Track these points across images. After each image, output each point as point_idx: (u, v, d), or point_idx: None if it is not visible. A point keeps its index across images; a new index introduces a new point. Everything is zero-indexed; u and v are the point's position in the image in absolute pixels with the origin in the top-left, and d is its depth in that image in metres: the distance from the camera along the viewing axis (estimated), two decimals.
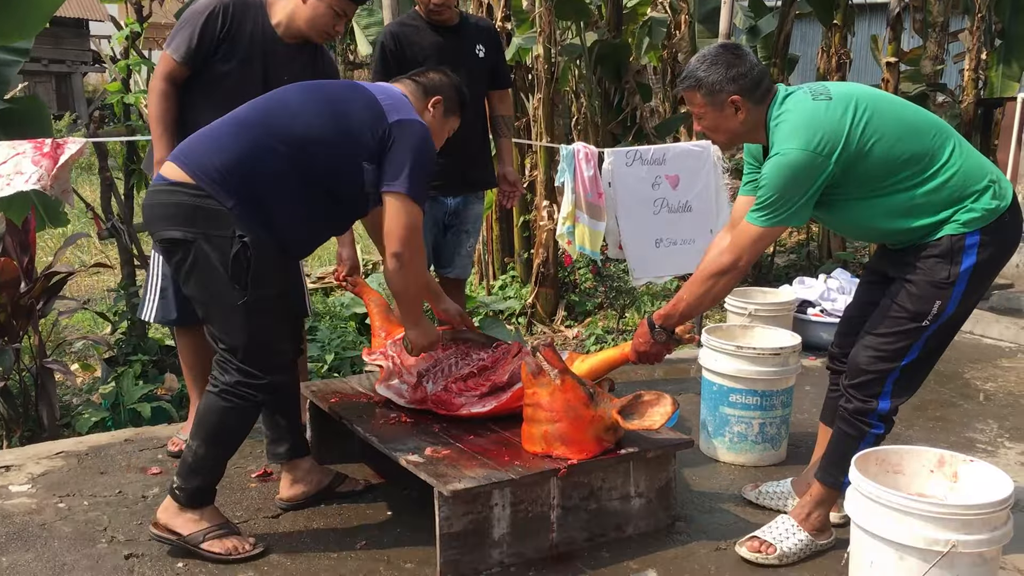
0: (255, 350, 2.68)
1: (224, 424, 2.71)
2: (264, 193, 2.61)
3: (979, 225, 2.53)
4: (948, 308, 2.57)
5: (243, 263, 2.57)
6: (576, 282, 6.96)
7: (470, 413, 3.05)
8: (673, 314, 2.79)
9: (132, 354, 4.42)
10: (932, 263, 2.57)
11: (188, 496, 2.73)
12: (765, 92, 2.62)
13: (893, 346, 2.63)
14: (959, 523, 2.16)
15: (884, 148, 2.52)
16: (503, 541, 2.72)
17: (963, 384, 4.50)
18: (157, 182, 2.67)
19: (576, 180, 4.81)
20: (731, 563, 2.77)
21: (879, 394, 2.67)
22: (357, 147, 2.68)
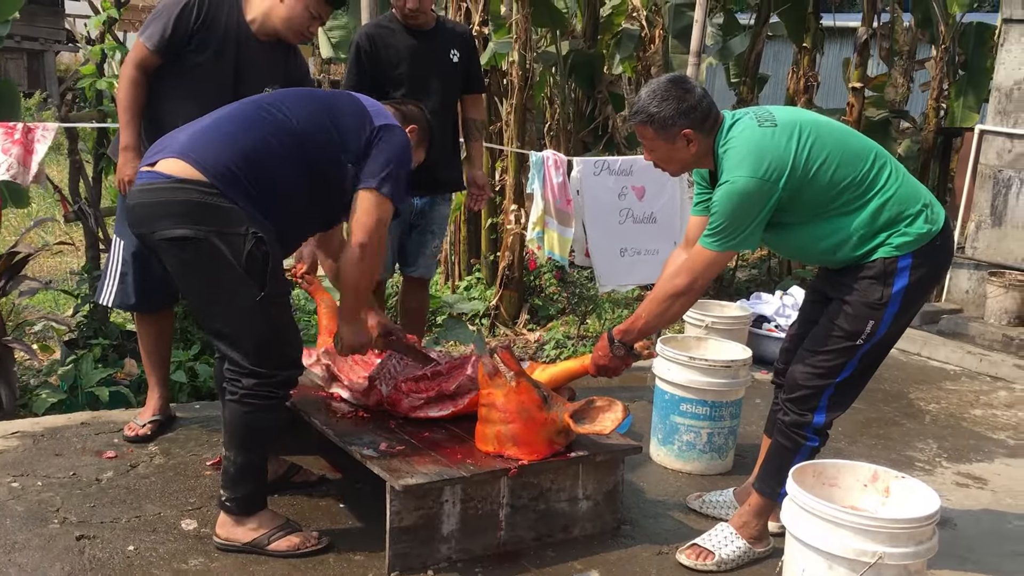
0: (269, 348, 2.66)
1: (253, 429, 2.70)
2: (268, 190, 2.63)
3: (911, 248, 2.64)
4: (880, 328, 2.68)
5: (259, 259, 2.56)
6: (540, 287, 7.04)
7: (426, 416, 3.11)
8: (632, 330, 2.87)
9: (93, 337, 4.42)
10: (866, 284, 2.67)
11: (240, 505, 2.74)
12: (714, 122, 2.71)
13: (829, 363, 2.74)
14: (886, 536, 2.26)
15: (826, 172, 2.62)
16: (452, 537, 2.79)
17: (907, 404, 4.64)
18: (157, 179, 2.58)
19: (546, 186, 4.90)
20: (672, 567, 2.86)
21: (815, 408, 2.77)
22: (344, 148, 2.72)
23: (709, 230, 2.67)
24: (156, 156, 2.65)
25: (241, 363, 2.65)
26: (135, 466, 3.32)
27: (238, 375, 2.66)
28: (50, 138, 3.87)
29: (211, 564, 2.70)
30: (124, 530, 2.86)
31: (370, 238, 2.72)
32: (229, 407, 2.70)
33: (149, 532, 2.86)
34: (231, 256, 2.54)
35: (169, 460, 3.38)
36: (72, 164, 4.70)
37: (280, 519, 2.82)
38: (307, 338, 4.91)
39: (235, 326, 2.64)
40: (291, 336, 2.77)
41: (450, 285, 7.38)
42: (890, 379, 5.04)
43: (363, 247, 2.73)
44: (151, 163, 2.64)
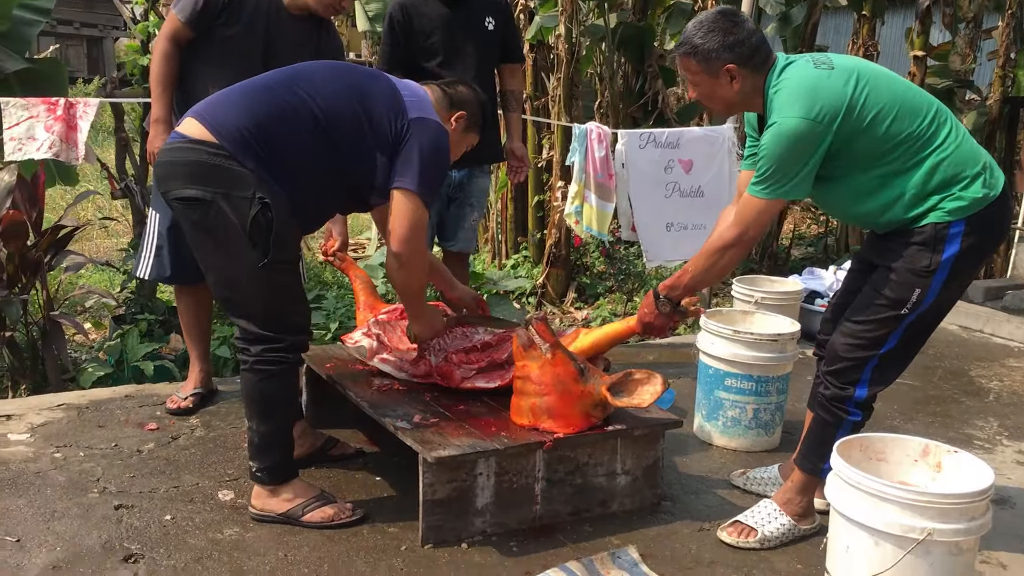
0: (274, 314, 2.65)
1: (268, 396, 2.69)
2: (283, 160, 2.58)
3: (965, 214, 2.50)
4: (927, 298, 2.54)
5: (263, 225, 2.52)
6: (587, 265, 6.96)
7: (473, 386, 3.07)
8: (678, 285, 2.76)
9: (139, 313, 4.47)
10: (914, 250, 2.53)
11: (271, 474, 2.73)
12: (763, 60, 2.58)
13: (872, 334, 2.61)
14: (936, 511, 2.15)
15: (882, 124, 2.48)
16: (486, 510, 2.74)
17: (968, 381, 4.46)
18: (175, 139, 2.61)
19: (587, 160, 4.80)
20: (713, 544, 2.78)
21: (856, 381, 2.64)
22: (374, 136, 2.66)
23: (757, 176, 2.55)
24: (183, 118, 2.68)
25: (249, 329, 2.64)
26: (176, 438, 3.34)
27: (247, 342, 2.66)
28: (92, 114, 3.89)
29: (246, 534, 2.69)
30: (162, 500, 2.87)
31: (404, 247, 2.68)
32: (243, 376, 2.70)
33: (186, 502, 2.87)
34: (236, 220, 2.52)
35: (209, 432, 3.39)
36: (118, 141, 4.74)
37: (314, 490, 2.80)
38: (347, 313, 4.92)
39: (241, 291, 2.63)
40: (298, 302, 2.75)
41: (497, 263, 7.33)
42: (950, 356, 4.86)
43: (398, 257, 2.70)
44: (179, 124, 2.68)
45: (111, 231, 7.82)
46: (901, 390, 4.27)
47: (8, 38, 4.89)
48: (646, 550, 2.71)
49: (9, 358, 3.92)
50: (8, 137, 3.85)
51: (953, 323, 5.48)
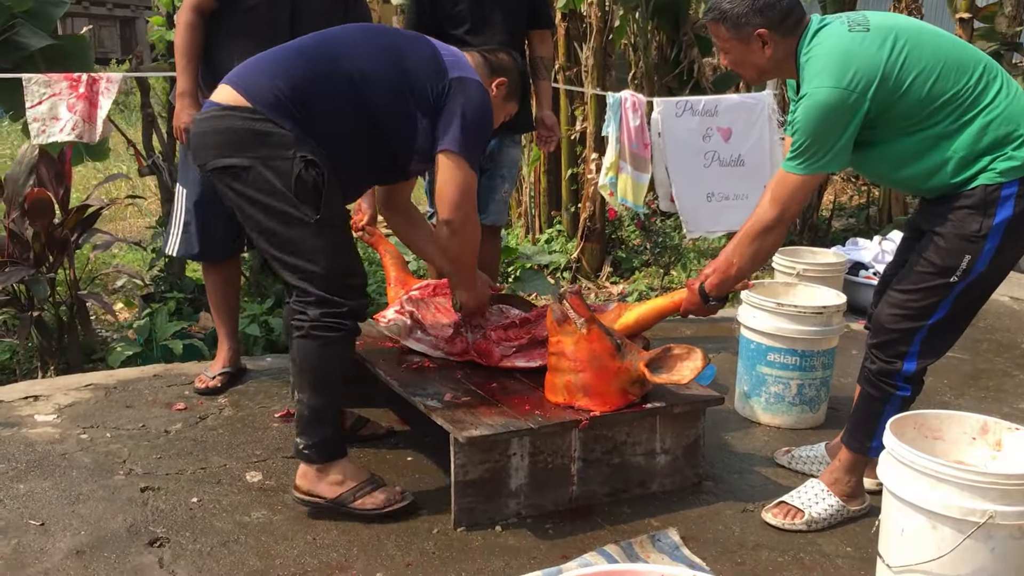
0: (334, 273, 2.52)
1: (324, 365, 2.56)
2: (321, 123, 2.49)
3: (1018, 175, 2.33)
4: (978, 264, 2.38)
5: (309, 182, 2.43)
6: (623, 238, 6.82)
7: (513, 366, 2.97)
8: (726, 281, 2.62)
9: (168, 291, 4.42)
10: (963, 215, 2.38)
11: (318, 451, 2.58)
12: (795, 23, 2.44)
13: (919, 303, 2.46)
14: (998, 493, 2.01)
15: (924, 85, 2.33)
16: (520, 492, 2.65)
17: (1021, 354, 4.29)
18: (208, 108, 2.52)
19: (622, 130, 4.67)
20: (757, 525, 2.67)
21: (904, 355, 2.50)
22: (414, 98, 2.55)
23: (792, 151, 2.42)
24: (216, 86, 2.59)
25: (308, 290, 2.51)
26: (204, 418, 3.28)
27: (304, 305, 2.53)
28: (114, 90, 3.82)
29: (273, 517, 2.63)
30: (189, 482, 2.81)
31: (455, 214, 2.59)
32: (297, 344, 2.56)
33: (213, 484, 2.81)
34: (279, 183, 2.42)
35: (238, 412, 3.33)
36: (145, 118, 4.68)
37: (364, 473, 2.67)
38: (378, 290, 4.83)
39: (296, 254, 2.50)
40: (354, 263, 2.62)
41: (530, 238, 7.22)
42: (1001, 328, 4.68)
43: (450, 224, 2.62)
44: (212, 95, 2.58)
45: (142, 209, 7.80)
46: (951, 364, 4.11)
47: (34, 16, 4.85)
48: (687, 532, 2.60)
49: (37, 338, 3.89)
50: (32, 118, 3.80)
51: (1004, 294, 5.29)
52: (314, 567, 2.38)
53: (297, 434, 2.61)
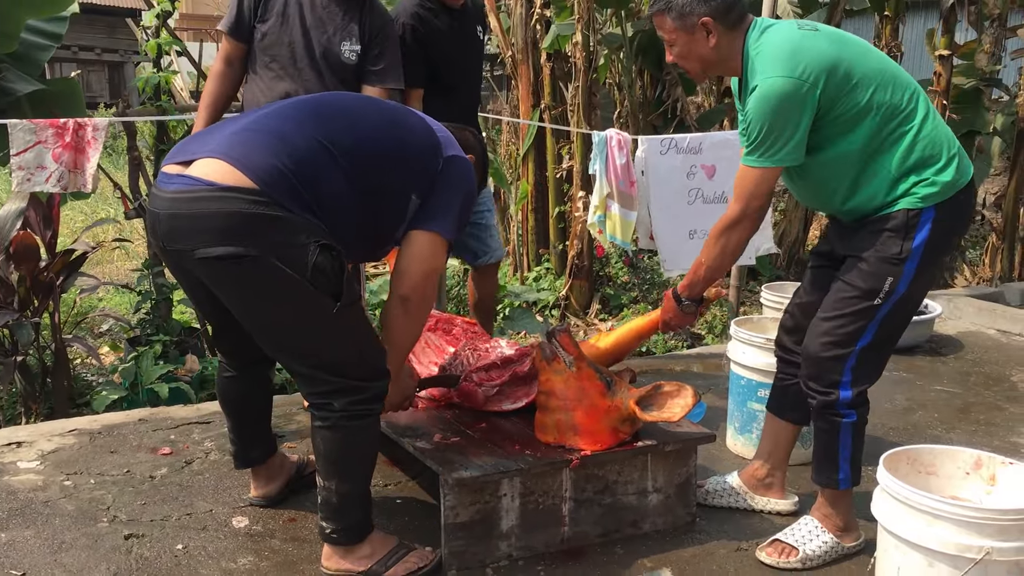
0: (360, 359, 2.36)
1: (356, 452, 2.41)
2: (326, 204, 2.28)
3: (936, 200, 2.41)
4: (900, 286, 2.44)
5: (327, 270, 2.23)
6: (611, 275, 6.83)
7: (500, 409, 2.94)
8: (696, 282, 2.67)
9: (154, 334, 4.38)
10: (885, 237, 2.44)
11: (349, 535, 2.45)
12: (739, 18, 2.49)
13: (846, 329, 2.50)
14: (995, 528, 2.00)
15: (866, 90, 2.39)
16: (512, 533, 2.61)
17: (1010, 387, 4.28)
18: (195, 186, 2.19)
19: (608, 168, 4.68)
20: (752, 565, 2.63)
21: (838, 383, 2.53)
22: (411, 176, 2.41)
23: (747, 144, 2.45)
24: (191, 155, 2.27)
25: (329, 381, 2.33)
26: (190, 462, 3.24)
27: (327, 396, 2.34)
28: (101, 139, 3.80)
29: (260, 563, 2.58)
30: (174, 528, 2.76)
31: (415, 293, 2.42)
32: (321, 435, 2.37)
33: (199, 530, 2.76)
34: (293, 272, 2.19)
35: (224, 456, 3.28)
36: (131, 161, 4.67)
37: (391, 541, 2.54)
38: None
39: (314, 345, 2.31)
40: (375, 344, 2.44)
41: (519, 276, 7.22)
42: (989, 361, 4.69)
43: (406, 303, 2.43)
44: (184, 162, 2.27)
45: (129, 252, 7.77)
46: (941, 397, 4.11)
47: (19, 59, 4.86)
48: (681, 572, 2.57)
49: (21, 383, 3.84)
50: (16, 165, 3.75)
51: (991, 327, 5.30)
52: None
53: (323, 519, 2.45)
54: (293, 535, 2.74)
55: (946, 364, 4.63)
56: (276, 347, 2.42)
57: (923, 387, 4.25)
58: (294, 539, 2.71)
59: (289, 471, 2.96)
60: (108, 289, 6.85)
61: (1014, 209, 7.21)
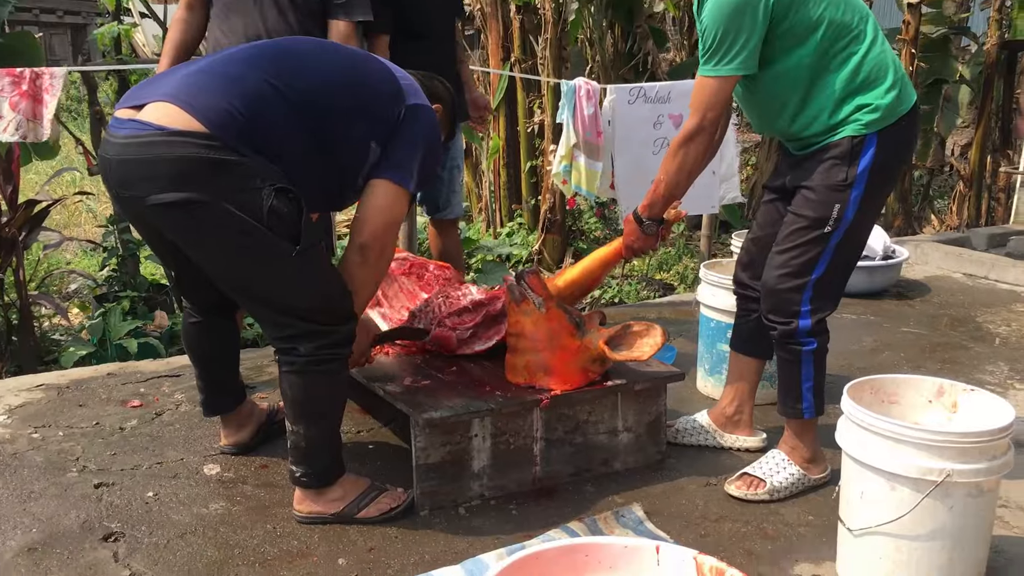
0: (325, 302, 2.33)
1: (323, 396, 2.40)
2: (277, 148, 2.23)
3: (879, 126, 2.45)
4: (848, 213, 2.49)
5: (284, 212, 2.19)
6: (583, 229, 6.84)
7: (473, 351, 2.94)
8: (656, 201, 2.66)
9: (122, 291, 4.34)
10: (830, 165, 2.49)
11: (319, 478, 2.45)
12: None
13: (800, 259, 2.54)
14: (955, 451, 2.03)
15: (818, 6, 2.42)
16: (483, 473, 2.63)
17: (975, 328, 4.35)
18: (145, 131, 2.13)
19: (576, 118, 4.66)
20: (720, 498, 2.67)
21: (797, 313, 2.57)
22: (371, 123, 2.36)
23: (703, 55, 2.46)
24: (142, 99, 2.21)
25: (293, 326, 2.31)
26: (160, 414, 3.22)
27: (292, 340, 2.32)
28: (59, 87, 3.73)
29: (232, 508, 2.58)
30: (144, 476, 2.76)
31: (374, 242, 2.38)
32: (288, 380, 2.36)
33: (170, 478, 2.75)
34: (249, 217, 2.15)
35: (194, 407, 3.26)
36: (92, 115, 4.60)
37: (363, 483, 2.54)
38: None
39: (275, 289, 2.29)
40: (340, 286, 2.39)
41: (491, 231, 7.21)
42: (956, 304, 4.75)
43: (365, 251, 2.39)
44: (135, 106, 2.20)
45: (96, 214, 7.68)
46: (907, 338, 4.16)
47: None
48: (651, 508, 2.60)
49: None
50: None
51: (957, 271, 5.36)
52: (274, 555, 2.34)
53: (293, 463, 2.44)
54: (265, 481, 2.74)
55: (913, 307, 4.69)
56: (238, 292, 2.39)
57: (890, 329, 4.30)
58: (266, 485, 2.71)
59: (260, 418, 2.95)
60: (76, 252, 6.78)
61: (981, 157, 7.27)
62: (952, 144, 9.22)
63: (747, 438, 2.96)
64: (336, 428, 2.50)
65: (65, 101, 5.67)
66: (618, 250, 2.78)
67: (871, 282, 4.81)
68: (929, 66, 7.19)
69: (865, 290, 4.79)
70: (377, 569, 2.29)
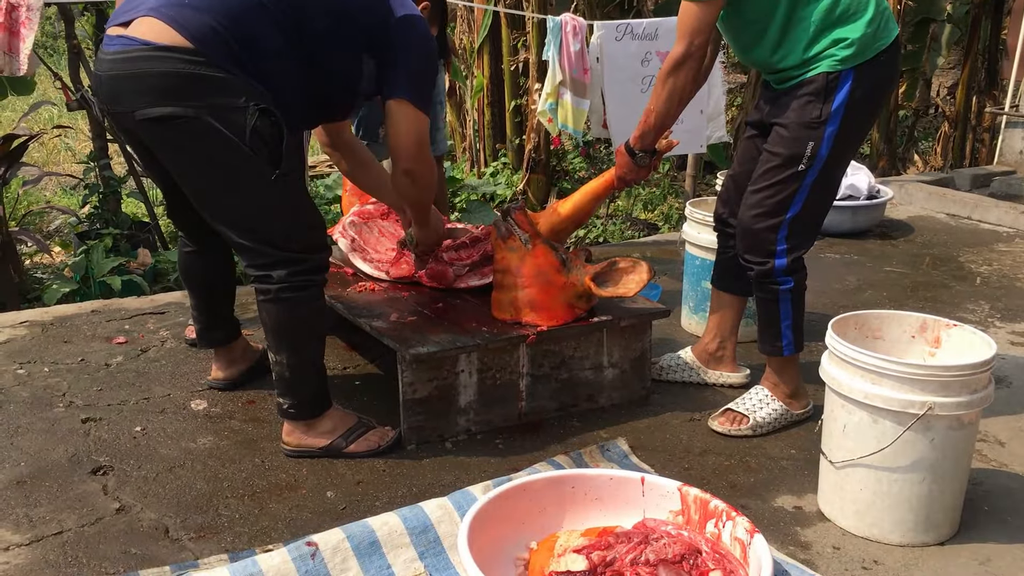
0: (296, 230, 2.35)
1: (300, 323, 2.41)
2: (263, 64, 2.24)
3: (855, 62, 2.44)
4: (822, 150, 2.48)
5: (266, 134, 2.22)
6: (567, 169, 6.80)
7: (467, 285, 2.95)
8: (647, 131, 2.61)
9: (104, 228, 4.30)
10: (804, 102, 2.48)
11: (305, 409, 2.48)
12: None
13: (775, 198, 2.55)
14: (937, 385, 2.06)
15: None
16: (470, 408, 2.65)
17: (957, 267, 4.38)
18: (131, 45, 2.17)
19: (562, 55, 4.60)
20: (704, 433, 2.70)
21: (773, 252, 2.58)
22: (358, 35, 2.37)
23: None
24: (129, 15, 2.23)
25: (267, 253, 2.32)
26: (146, 350, 3.22)
27: (266, 268, 2.34)
28: (36, 19, 3.65)
29: (220, 442, 2.59)
30: (132, 411, 2.76)
31: (414, 163, 2.47)
32: (265, 308, 2.38)
33: (157, 413, 2.76)
34: (232, 134, 2.18)
35: (180, 344, 3.27)
36: (70, 49, 4.51)
37: (352, 418, 2.56)
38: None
39: (251, 214, 2.31)
40: (315, 216, 2.45)
41: (476, 171, 7.16)
42: (939, 243, 4.78)
43: (410, 174, 2.49)
44: (123, 23, 2.23)
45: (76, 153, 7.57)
46: (891, 277, 4.19)
47: None
48: (636, 442, 2.63)
49: None
50: None
51: (941, 211, 5.39)
52: (263, 488, 2.36)
53: (279, 395, 2.47)
54: (252, 416, 2.75)
55: (896, 247, 4.72)
56: (214, 214, 2.38)
57: (873, 268, 4.33)
58: (254, 419, 2.73)
59: (252, 358, 2.96)
60: (55, 190, 6.70)
61: (966, 97, 7.26)
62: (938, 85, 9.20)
63: (730, 374, 2.99)
64: (318, 357, 2.51)
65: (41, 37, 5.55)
66: (610, 181, 2.75)
67: (855, 222, 4.83)
68: (916, 4, 7.13)
69: (849, 230, 4.81)
70: (365, 502, 2.31)
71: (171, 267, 4.22)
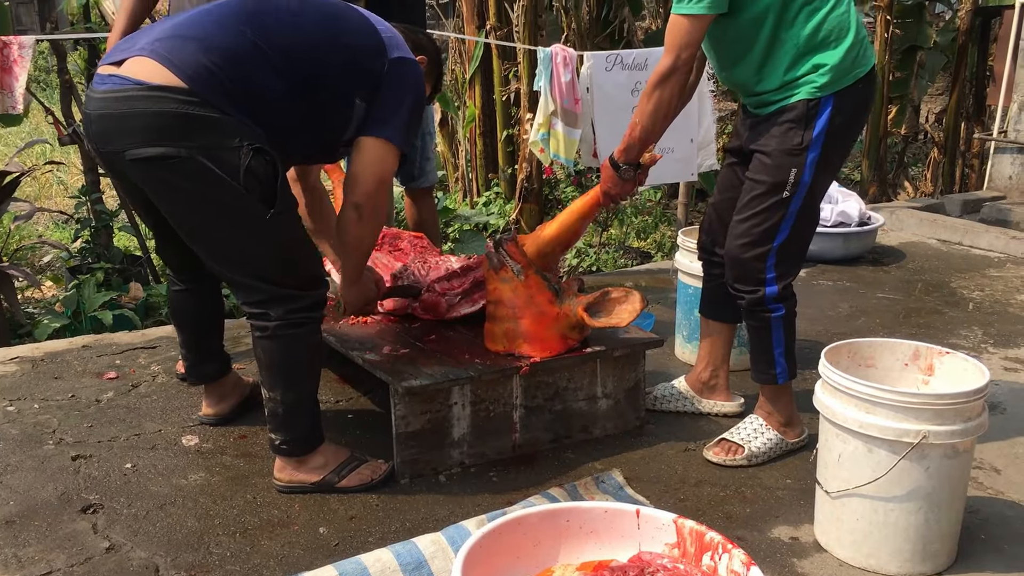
0: (292, 268, 2.34)
1: (297, 361, 2.39)
2: (256, 103, 2.24)
3: (834, 88, 2.46)
4: (804, 176, 2.49)
5: (260, 173, 2.20)
6: (560, 198, 6.82)
7: (459, 314, 2.94)
8: (632, 144, 2.59)
9: (96, 262, 4.29)
10: (785, 129, 2.49)
11: (299, 445, 2.45)
12: None
13: (761, 227, 2.55)
14: (931, 413, 2.05)
15: None
16: (463, 441, 2.63)
17: (949, 293, 4.39)
18: (124, 85, 2.16)
19: (553, 86, 4.63)
20: (699, 464, 2.69)
21: (763, 281, 2.59)
22: (351, 76, 2.35)
23: None
24: (122, 55, 2.23)
25: (263, 290, 2.31)
26: (136, 386, 3.20)
27: (262, 305, 2.32)
28: (28, 57, 3.65)
29: (211, 479, 2.57)
30: (122, 448, 2.74)
31: (368, 200, 2.39)
32: (261, 345, 2.36)
33: (148, 449, 2.73)
34: (225, 174, 2.16)
35: (171, 379, 3.25)
36: (63, 84, 4.52)
37: (344, 453, 2.55)
38: None
39: (246, 251, 2.29)
40: (311, 251, 2.45)
41: (468, 201, 7.18)
42: (930, 269, 4.79)
43: (359, 209, 2.39)
44: (116, 62, 2.23)
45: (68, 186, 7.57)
46: (883, 304, 4.19)
47: None
48: (630, 473, 2.61)
49: None
50: None
51: (932, 237, 5.41)
52: (254, 525, 2.34)
53: (271, 431, 2.44)
54: (244, 451, 2.73)
55: (888, 273, 4.73)
56: (210, 254, 2.36)
57: (866, 295, 4.34)
58: (245, 455, 2.70)
59: (243, 392, 2.94)
60: (47, 225, 6.69)
61: (955, 124, 7.31)
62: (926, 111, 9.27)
63: (724, 403, 2.98)
64: (313, 393, 2.49)
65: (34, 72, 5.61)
66: (595, 198, 2.73)
67: (847, 248, 4.84)
68: (904, 32, 7.20)
69: (841, 256, 4.82)
70: (358, 537, 2.29)
71: (163, 301, 4.21)
